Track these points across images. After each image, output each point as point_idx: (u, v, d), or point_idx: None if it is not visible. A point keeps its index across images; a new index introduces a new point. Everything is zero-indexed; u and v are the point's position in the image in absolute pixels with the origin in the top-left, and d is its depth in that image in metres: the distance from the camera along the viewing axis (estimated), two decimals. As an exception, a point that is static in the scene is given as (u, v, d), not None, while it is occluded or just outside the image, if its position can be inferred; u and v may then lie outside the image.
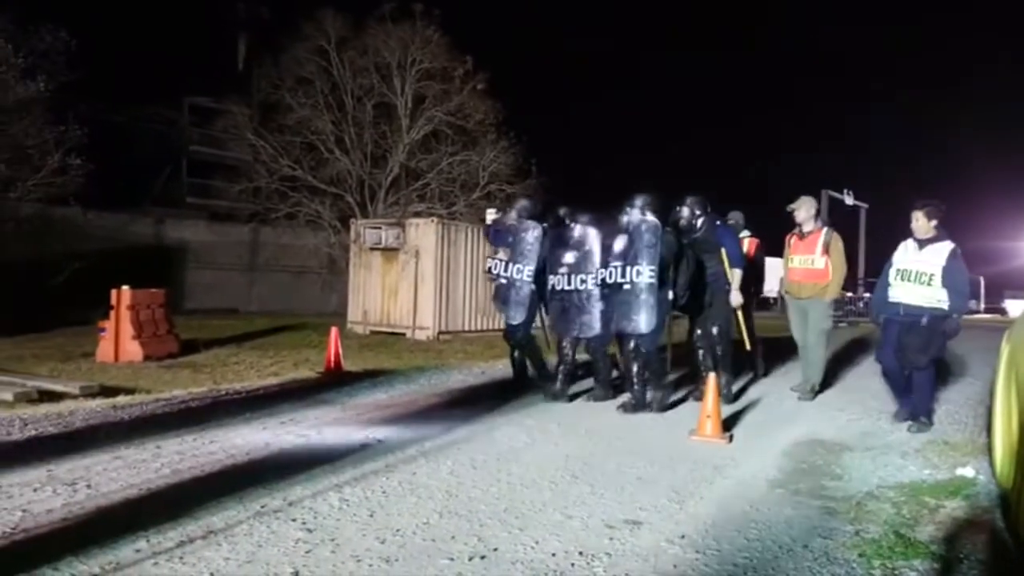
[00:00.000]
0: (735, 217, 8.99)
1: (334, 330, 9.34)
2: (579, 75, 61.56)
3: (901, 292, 6.28)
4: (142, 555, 3.27)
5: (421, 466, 4.87)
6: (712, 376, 6.15)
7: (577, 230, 7.54)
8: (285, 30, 21.62)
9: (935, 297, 6.08)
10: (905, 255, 6.36)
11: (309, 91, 20.29)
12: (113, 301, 12.14)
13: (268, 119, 20.56)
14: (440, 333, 14.91)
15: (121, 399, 7.08)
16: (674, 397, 7.44)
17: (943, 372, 9.05)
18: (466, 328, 15.50)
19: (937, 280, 6.06)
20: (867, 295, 21.58)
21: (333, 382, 8.31)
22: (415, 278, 15.32)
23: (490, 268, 7.88)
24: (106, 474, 4.44)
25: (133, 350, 11.94)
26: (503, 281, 7.68)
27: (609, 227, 7.26)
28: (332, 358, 9.06)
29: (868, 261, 34.65)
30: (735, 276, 7.53)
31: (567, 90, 55.85)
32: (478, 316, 15.80)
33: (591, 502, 4.24)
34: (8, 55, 15.73)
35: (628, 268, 6.79)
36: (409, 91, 20.66)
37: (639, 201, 6.98)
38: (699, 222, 7.53)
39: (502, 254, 8.06)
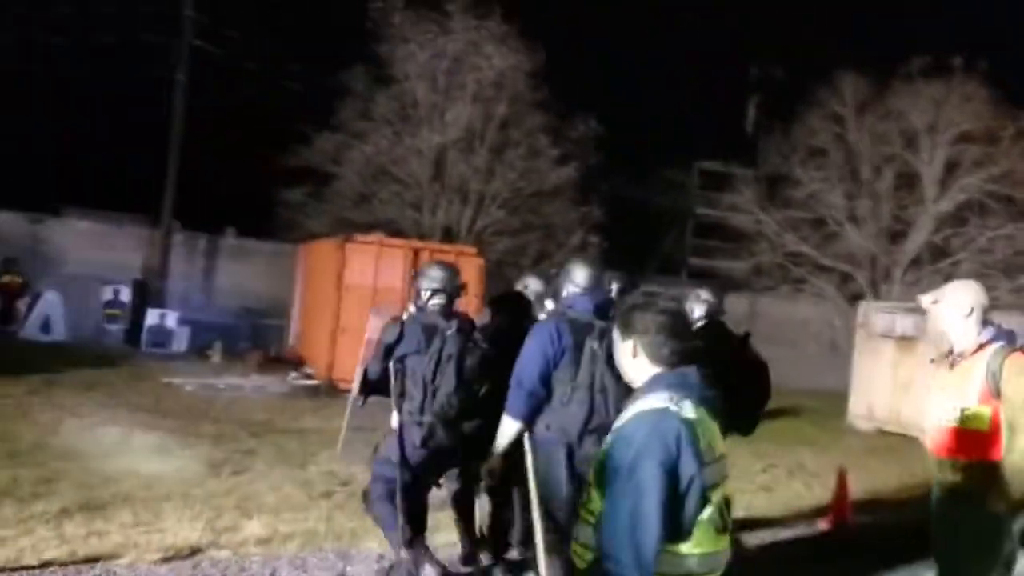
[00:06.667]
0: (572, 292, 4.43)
1: (840, 472, 8.03)
2: None
3: None
4: None
5: None
6: None
7: None
8: (797, 94, 20.84)
9: None
10: None
11: (821, 163, 19.10)
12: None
13: (775, 191, 19.92)
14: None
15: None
16: None
17: None
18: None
19: None
20: None
21: (838, 550, 7.05)
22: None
23: None
24: None
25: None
26: None
27: None
28: (840, 509, 7.81)
29: None
30: (500, 432, 4.08)
31: None
32: None
33: None
34: (546, 147, 17.90)
35: None
36: (940, 156, 18.09)
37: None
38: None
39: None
